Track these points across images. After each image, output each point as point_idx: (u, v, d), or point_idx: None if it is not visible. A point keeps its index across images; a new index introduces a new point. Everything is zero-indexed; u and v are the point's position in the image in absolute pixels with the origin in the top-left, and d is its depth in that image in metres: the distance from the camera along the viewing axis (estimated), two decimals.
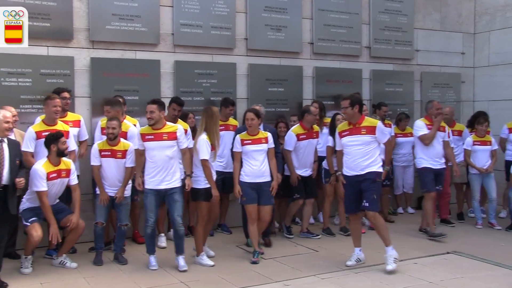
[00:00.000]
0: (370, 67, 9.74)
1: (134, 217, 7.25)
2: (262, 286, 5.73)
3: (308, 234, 7.67)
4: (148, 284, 5.70)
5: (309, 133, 7.46)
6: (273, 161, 6.60)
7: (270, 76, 8.74)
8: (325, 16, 9.24)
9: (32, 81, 7.09)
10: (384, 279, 5.86)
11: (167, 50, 8.00)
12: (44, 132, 6.27)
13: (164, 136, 6.05)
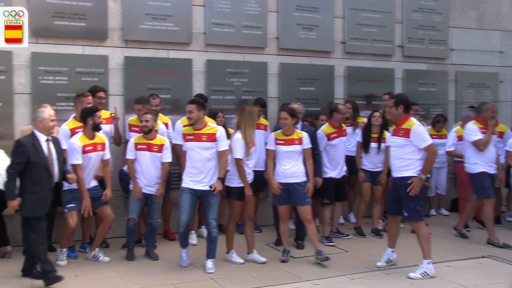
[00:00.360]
0: (402, 66, 9.63)
1: (165, 214, 7.35)
2: (291, 284, 5.73)
3: (338, 234, 7.59)
4: (178, 280, 5.77)
5: (339, 131, 7.32)
6: (309, 162, 6.45)
7: (301, 75, 8.74)
8: (357, 15, 9.19)
9: (68, 80, 7.27)
10: (415, 282, 5.77)
11: (199, 49, 8.09)
12: (77, 129, 6.41)
13: (203, 137, 6.01)
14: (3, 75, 6.96)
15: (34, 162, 5.34)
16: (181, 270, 6.13)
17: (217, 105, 7.88)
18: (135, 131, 6.91)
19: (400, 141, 5.94)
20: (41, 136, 5.51)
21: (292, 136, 6.39)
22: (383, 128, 7.59)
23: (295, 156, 6.37)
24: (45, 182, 5.44)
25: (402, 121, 5.97)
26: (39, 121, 5.52)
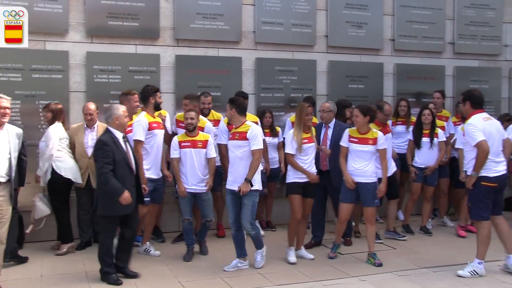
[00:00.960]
0: (453, 63, 9.47)
1: (218, 210, 7.36)
2: (338, 280, 5.73)
3: (395, 234, 7.43)
4: (227, 274, 5.85)
5: (383, 129, 7.03)
6: (384, 162, 6.31)
7: (350, 73, 8.71)
8: (407, 12, 9.09)
9: (121, 78, 7.45)
10: (464, 280, 5.69)
11: (249, 47, 8.16)
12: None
13: (236, 135, 5.98)
14: (60, 74, 7.20)
15: (117, 160, 5.35)
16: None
17: (266, 103, 7.95)
18: (181, 127, 6.93)
19: (463, 139, 5.92)
20: (118, 133, 5.50)
21: (366, 135, 6.23)
22: (433, 125, 7.54)
23: (368, 156, 6.22)
24: (128, 180, 5.46)
25: (467, 118, 5.92)
26: (115, 118, 5.49)
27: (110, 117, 5.50)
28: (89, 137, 6.76)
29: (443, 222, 8.21)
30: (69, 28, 7.28)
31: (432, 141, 7.47)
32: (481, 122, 5.78)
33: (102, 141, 5.39)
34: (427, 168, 7.56)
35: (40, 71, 7.12)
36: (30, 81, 7.07)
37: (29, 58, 7.06)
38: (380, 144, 6.24)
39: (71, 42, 7.30)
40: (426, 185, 7.65)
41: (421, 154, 7.56)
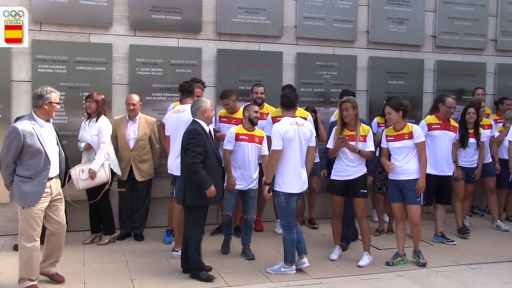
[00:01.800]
0: (495, 60, 9.35)
1: (259, 205, 7.26)
2: (377, 275, 5.80)
3: (443, 239, 7.12)
4: (266, 265, 5.88)
5: (444, 124, 6.89)
6: (422, 156, 6.02)
7: (391, 69, 8.64)
8: (449, 8, 8.98)
9: (163, 71, 7.49)
10: (502, 277, 5.69)
11: (290, 42, 8.15)
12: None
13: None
14: (103, 67, 7.27)
15: (208, 151, 5.36)
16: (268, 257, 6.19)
17: (306, 98, 7.92)
18: (224, 121, 7.01)
19: None
20: (205, 125, 5.50)
21: (402, 130, 6.05)
22: (477, 124, 7.40)
23: (406, 152, 6.03)
24: (217, 170, 5.50)
25: None
26: (203, 111, 5.47)
27: (199, 109, 5.48)
28: (131, 129, 6.81)
29: (497, 227, 7.88)
30: (113, 21, 7.34)
31: (478, 141, 7.39)
32: None
33: (196, 130, 5.37)
34: (470, 167, 7.47)
35: (84, 63, 7.19)
36: (75, 73, 7.15)
37: (74, 50, 7.15)
38: (417, 138, 5.99)
39: (115, 35, 7.36)
40: (467, 183, 7.51)
41: (466, 155, 7.43)
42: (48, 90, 4.93)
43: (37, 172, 4.85)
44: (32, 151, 4.80)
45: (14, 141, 4.77)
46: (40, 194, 4.87)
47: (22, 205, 4.86)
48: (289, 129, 5.48)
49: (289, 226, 5.60)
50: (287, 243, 5.65)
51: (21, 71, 7.00)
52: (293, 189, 5.53)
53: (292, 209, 5.59)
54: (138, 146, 6.81)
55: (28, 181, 4.83)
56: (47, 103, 4.90)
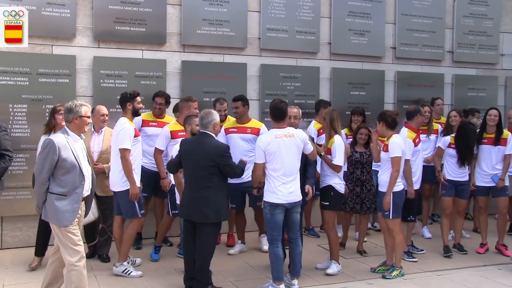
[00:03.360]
0: (452, 71, 9.65)
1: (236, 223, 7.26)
2: (347, 283, 5.93)
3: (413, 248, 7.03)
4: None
5: (419, 136, 6.79)
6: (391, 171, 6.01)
7: (353, 80, 8.83)
8: (408, 20, 9.24)
9: (127, 83, 7.46)
10: (467, 282, 5.89)
11: (254, 53, 8.25)
12: (179, 132, 6.51)
13: None
14: (67, 79, 7.20)
15: None
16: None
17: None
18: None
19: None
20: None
21: (387, 141, 6.09)
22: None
23: (383, 163, 6.13)
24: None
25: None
26: (214, 124, 5.40)
27: (210, 123, 5.39)
28: (95, 141, 6.54)
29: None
30: (77, 33, 7.29)
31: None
32: None
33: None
34: (463, 181, 7.06)
35: (47, 75, 7.11)
36: (37, 85, 7.06)
37: (36, 62, 7.06)
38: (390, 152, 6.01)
39: (79, 46, 7.31)
40: (458, 197, 7.09)
41: (454, 167, 7.03)
42: (78, 104, 4.78)
43: (72, 189, 4.63)
44: (66, 166, 4.59)
45: (50, 155, 4.55)
46: (76, 212, 4.66)
47: (58, 224, 4.62)
48: (271, 142, 5.36)
49: (273, 240, 5.44)
50: (271, 258, 5.48)
51: None
52: (277, 200, 5.35)
53: (277, 222, 5.40)
54: (102, 159, 6.46)
55: (63, 198, 4.60)
56: (77, 117, 4.73)
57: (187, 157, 5.35)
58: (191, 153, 5.32)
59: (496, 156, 7.03)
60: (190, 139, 5.65)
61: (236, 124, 6.71)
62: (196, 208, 5.28)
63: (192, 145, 5.39)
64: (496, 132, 7.06)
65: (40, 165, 4.61)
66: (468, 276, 6.21)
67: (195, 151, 5.30)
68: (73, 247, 4.64)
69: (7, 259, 6.53)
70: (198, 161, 5.25)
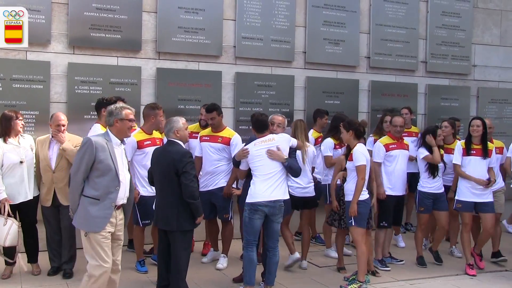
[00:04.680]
0: (425, 81, 9.80)
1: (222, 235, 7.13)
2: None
3: (391, 259, 7.10)
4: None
5: (399, 143, 6.87)
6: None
7: (327, 88, 8.93)
8: (382, 30, 9.38)
9: (102, 90, 7.46)
10: None
11: (229, 62, 8.31)
12: (145, 141, 6.37)
13: None
14: (41, 85, 7.20)
15: None
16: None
17: (245, 117, 8.07)
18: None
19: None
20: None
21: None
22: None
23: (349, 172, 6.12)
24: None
25: None
26: (176, 131, 5.31)
27: (171, 130, 5.32)
28: (54, 149, 6.11)
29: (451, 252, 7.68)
30: (51, 39, 7.30)
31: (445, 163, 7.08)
32: None
33: (189, 152, 5.38)
34: (438, 193, 6.94)
35: (21, 81, 7.11)
36: (11, 91, 7.05)
37: (10, 67, 7.06)
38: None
39: (53, 52, 7.32)
40: (436, 210, 6.97)
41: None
42: (119, 107, 4.69)
43: (105, 193, 4.49)
44: (102, 168, 4.46)
45: (87, 154, 4.44)
46: (107, 219, 4.48)
47: (87, 229, 4.46)
48: (251, 150, 5.61)
49: (248, 244, 5.51)
50: (244, 262, 5.56)
51: None
52: (257, 198, 5.45)
53: (254, 226, 5.47)
54: (60, 167, 6.03)
55: (95, 202, 4.46)
56: (118, 119, 4.64)
57: (155, 165, 5.38)
58: (157, 161, 5.36)
59: (485, 168, 6.75)
60: (159, 148, 5.73)
61: (211, 132, 6.70)
62: (163, 216, 5.29)
63: (158, 153, 5.43)
64: (482, 143, 6.78)
65: (76, 165, 4.49)
66: (441, 285, 6.31)
67: (161, 158, 5.31)
68: (99, 260, 4.46)
69: None
70: (163, 168, 5.25)
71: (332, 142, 7.11)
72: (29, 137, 6.29)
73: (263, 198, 5.45)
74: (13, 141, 6.01)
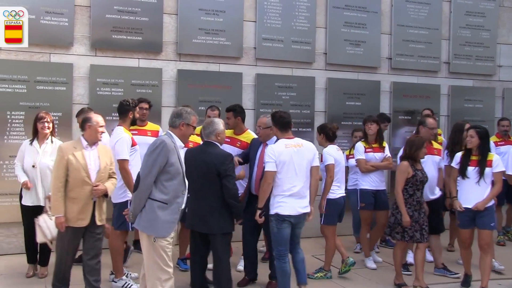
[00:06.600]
0: (448, 82, 9.68)
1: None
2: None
3: (445, 272, 6.72)
4: None
5: (428, 148, 6.42)
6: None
7: (348, 90, 8.89)
8: (404, 31, 9.30)
9: (123, 91, 7.55)
10: None
11: (249, 63, 8.34)
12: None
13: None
14: (64, 86, 7.31)
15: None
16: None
17: None
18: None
19: None
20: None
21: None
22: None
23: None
24: None
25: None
26: (217, 134, 5.23)
27: (213, 132, 5.21)
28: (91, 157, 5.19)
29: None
30: (74, 41, 7.40)
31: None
32: None
33: (231, 155, 5.27)
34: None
35: (44, 83, 7.22)
36: (35, 93, 7.17)
37: (34, 70, 7.18)
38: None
39: (76, 55, 7.43)
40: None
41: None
42: (188, 111, 4.61)
43: (173, 198, 4.40)
44: (172, 171, 4.38)
45: (160, 156, 4.33)
46: (174, 224, 4.43)
47: (156, 234, 4.36)
48: (283, 152, 5.27)
49: (280, 255, 5.32)
50: (278, 273, 5.37)
51: None
52: (285, 211, 5.24)
53: (283, 236, 5.29)
54: (100, 179, 5.05)
55: (164, 207, 4.35)
56: (185, 124, 4.55)
57: (191, 166, 5.07)
58: (194, 162, 5.13)
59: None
60: (193, 148, 5.62)
61: (232, 134, 6.60)
62: (201, 219, 5.14)
63: (195, 154, 5.26)
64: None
65: (148, 168, 4.36)
66: None
67: (199, 160, 5.14)
68: (163, 266, 4.40)
69: (2, 265, 6.60)
70: (202, 170, 5.09)
71: (362, 146, 7.08)
72: (59, 143, 5.88)
73: (292, 212, 5.29)
74: (36, 144, 6.06)
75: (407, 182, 5.93)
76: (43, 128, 6.00)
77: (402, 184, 5.92)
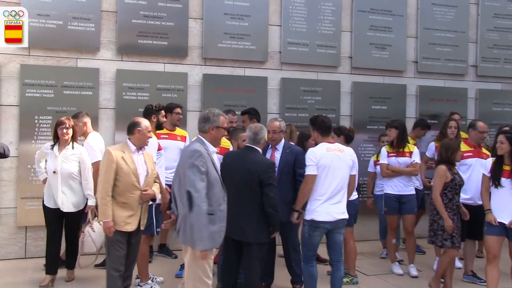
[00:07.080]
0: (476, 86, 9.54)
1: None
2: None
3: (475, 279, 6.56)
4: None
5: (475, 151, 6.47)
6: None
7: (374, 94, 8.81)
8: (430, 34, 9.20)
9: (149, 96, 7.58)
10: None
11: (274, 67, 8.31)
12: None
13: None
14: (90, 91, 7.36)
15: None
16: None
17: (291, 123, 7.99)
18: None
19: None
20: None
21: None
22: None
23: None
24: None
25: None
26: (264, 140, 5.20)
27: (263, 139, 5.21)
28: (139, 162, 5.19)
29: None
30: (100, 46, 7.46)
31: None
32: None
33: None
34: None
35: (71, 87, 7.28)
36: (62, 98, 7.23)
37: (61, 75, 7.25)
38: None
39: (102, 60, 7.48)
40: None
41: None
42: (215, 113, 4.45)
43: (217, 205, 4.26)
44: (211, 180, 4.22)
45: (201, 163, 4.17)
46: (223, 232, 4.29)
47: (205, 247, 4.18)
48: (325, 155, 5.15)
49: (308, 259, 5.28)
50: (305, 277, 5.32)
51: (9, 96, 7.07)
52: (320, 217, 5.13)
53: (314, 243, 5.23)
54: (148, 184, 5.09)
55: (211, 218, 4.19)
56: (214, 127, 4.41)
57: (229, 172, 4.97)
58: (235, 169, 5.02)
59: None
60: (233, 153, 5.55)
61: None
62: (239, 226, 4.96)
63: (236, 159, 5.15)
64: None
65: (192, 182, 4.13)
66: None
67: (240, 165, 5.02)
68: (204, 278, 4.29)
69: (30, 268, 6.65)
70: (244, 176, 4.96)
71: (385, 150, 7.00)
72: (81, 149, 6.02)
73: (328, 217, 5.16)
74: (55, 149, 5.93)
75: (445, 187, 5.76)
76: (62, 134, 5.86)
77: (440, 189, 5.76)
